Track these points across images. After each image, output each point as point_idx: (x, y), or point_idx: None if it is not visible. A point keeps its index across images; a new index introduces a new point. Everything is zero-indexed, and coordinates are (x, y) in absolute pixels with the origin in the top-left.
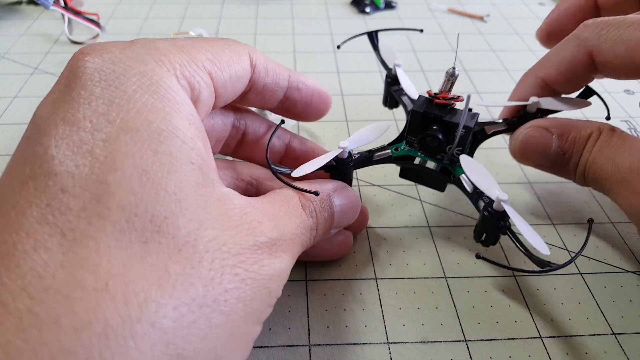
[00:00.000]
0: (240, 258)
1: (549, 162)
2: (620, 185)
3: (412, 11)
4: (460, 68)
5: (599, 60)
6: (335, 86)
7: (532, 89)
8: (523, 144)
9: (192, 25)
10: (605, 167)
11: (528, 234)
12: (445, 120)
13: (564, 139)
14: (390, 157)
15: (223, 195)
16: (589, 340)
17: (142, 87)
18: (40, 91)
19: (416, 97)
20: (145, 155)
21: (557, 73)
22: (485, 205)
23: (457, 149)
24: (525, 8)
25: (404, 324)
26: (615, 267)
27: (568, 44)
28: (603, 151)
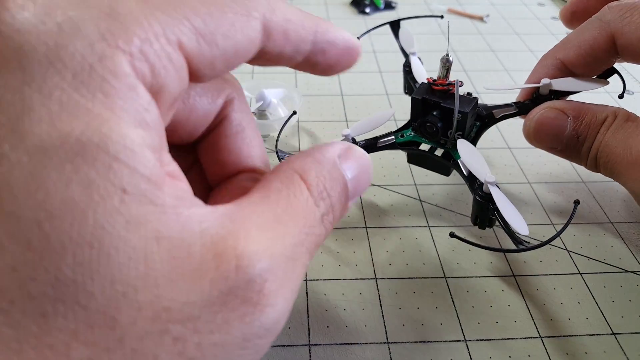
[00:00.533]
0: (193, 324)
1: (562, 144)
2: (632, 167)
3: (411, 11)
4: (460, 68)
5: (621, 43)
6: (335, 86)
7: (550, 70)
8: (538, 125)
9: None
10: (617, 151)
11: (508, 214)
12: (442, 105)
13: (579, 122)
14: (395, 143)
15: (180, 224)
16: (589, 340)
17: (64, 78)
18: None
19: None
20: (54, 188)
21: (577, 56)
22: (476, 188)
23: (457, 133)
24: (524, 8)
25: (403, 323)
26: (614, 267)
27: (590, 26)
28: (616, 134)
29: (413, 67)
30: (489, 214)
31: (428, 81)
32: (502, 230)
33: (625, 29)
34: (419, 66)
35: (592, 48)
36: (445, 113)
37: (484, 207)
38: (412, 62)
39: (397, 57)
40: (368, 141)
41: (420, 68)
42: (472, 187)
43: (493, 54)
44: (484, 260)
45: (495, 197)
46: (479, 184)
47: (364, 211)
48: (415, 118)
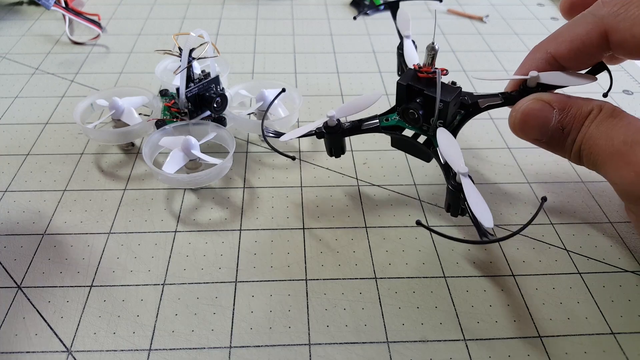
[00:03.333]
0: None
1: (547, 136)
2: (613, 157)
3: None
4: (460, 68)
5: (615, 39)
6: (335, 86)
7: (540, 64)
8: (524, 116)
9: (193, 26)
10: (599, 142)
11: (475, 206)
12: (425, 93)
13: (564, 114)
14: (379, 127)
15: None
16: (588, 339)
17: None
18: (41, 91)
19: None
20: None
21: (569, 50)
22: (450, 177)
23: (439, 121)
24: (524, 9)
25: (403, 323)
26: (614, 266)
27: (583, 20)
28: (600, 127)
29: (405, 50)
30: (460, 203)
31: (414, 68)
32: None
33: (619, 25)
34: (412, 50)
35: (584, 43)
36: (428, 100)
37: (455, 196)
38: (405, 44)
39: None
40: (352, 123)
41: (412, 52)
42: (447, 176)
43: (493, 54)
44: (483, 260)
45: (465, 188)
46: (453, 174)
47: (364, 211)
48: (399, 103)
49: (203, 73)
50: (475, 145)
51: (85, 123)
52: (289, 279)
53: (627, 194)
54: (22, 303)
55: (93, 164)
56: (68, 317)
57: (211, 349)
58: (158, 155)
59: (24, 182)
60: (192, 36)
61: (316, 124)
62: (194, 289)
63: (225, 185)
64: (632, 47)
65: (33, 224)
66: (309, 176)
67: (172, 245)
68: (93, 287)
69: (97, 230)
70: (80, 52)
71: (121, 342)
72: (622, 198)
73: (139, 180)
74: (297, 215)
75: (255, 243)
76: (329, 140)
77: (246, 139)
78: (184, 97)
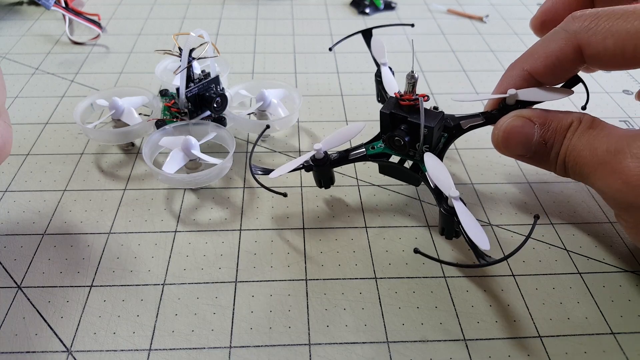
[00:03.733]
0: None
1: (530, 152)
2: (598, 167)
3: (411, 12)
4: (459, 68)
5: (589, 53)
6: (335, 86)
7: (517, 81)
8: (506, 134)
9: (193, 26)
10: (583, 153)
11: (470, 229)
12: (409, 120)
13: (545, 129)
14: (366, 155)
15: None
16: (588, 339)
17: None
18: (42, 91)
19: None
20: None
21: (544, 66)
22: (441, 201)
23: (425, 146)
24: (524, 9)
25: (403, 323)
26: (614, 266)
27: (556, 36)
28: (582, 138)
29: (384, 79)
30: (454, 226)
31: (395, 96)
32: None
33: (591, 39)
34: (390, 77)
35: (559, 58)
36: (413, 127)
37: (449, 220)
38: (383, 72)
39: (396, 57)
40: (340, 154)
41: (390, 79)
42: (438, 200)
43: (493, 54)
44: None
45: (459, 212)
46: (445, 197)
47: (364, 211)
48: (384, 131)
49: (203, 73)
50: (476, 145)
51: (85, 123)
52: (289, 279)
53: (615, 202)
54: (22, 303)
55: (93, 164)
56: (68, 317)
57: (211, 349)
58: (158, 155)
59: (24, 182)
60: (192, 36)
61: (304, 158)
62: (194, 289)
63: (225, 185)
64: (605, 59)
65: (33, 224)
66: (309, 176)
67: (172, 245)
68: (93, 287)
69: (97, 230)
70: (80, 52)
71: (121, 342)
72: (611, 206)
73: (139, 180)
74: (297, 215)
75: (255, 243)
76: (317, 172)
77: (246, 139)
78: (184, 97)
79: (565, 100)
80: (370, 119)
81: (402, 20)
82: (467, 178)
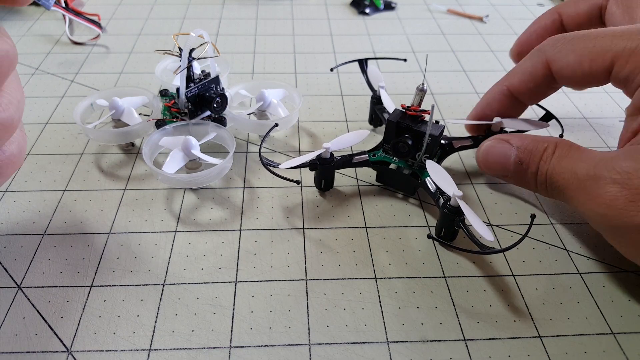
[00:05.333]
0: None
1: (509, 171)
2: (579, 192)
3: (411, 12)
4: (459, 68)
5: (555, 68)
6: (335, 86)
7: (498, 96)
8: (485, 154)
9: (193, 25)
10: (564, 176)
11: (476, 224)
12: (414, 129)
13: (521, 150)
14: (368, 161)
15: None
16: (588, 339)
17: None
18: (42, 91)
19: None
20: None
21: (520, 82)
22: (443, 202)
23: (425, 155)
24: (524, 9)
25: (403, 323)
26: (614, 266)
27: (531, 56)
28: (562, 162)
29: (383, 100)
30: (454, 226)
31: (402, 107)
32: None
33: (556, 56)
34: (387, 98)
35: (532, 75)
36: (416, 135)
37: (449, 219)
38: (382, 95)
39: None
40: (344, 157)
41: (388, 100)
42: (438, 203)
43: (493, 54)
44: (483, 260)
45: (464, 210)
46: (445, 199)
47: (364, 211)
48: (388, 140)
49: (203, 73)
50: None
51: (85, 123)
52: (289, 279)
53: (601, 227)
54: (22, 303)
55: (93, 164)
56: (68, 317)
57: (211, 349)
58: (158, 155)
59: (24, 182)
60: (192, 36)
61: (313, 154)
62: (194, 289)
63: (225, 185)
64: (567, 73)
65: (33, 224)
66: (309, 176)
67: (172, 245)
68: (93, 287)
69: (97, 230)
70: (80, 52)
71: (121, 342)
72: (599, 230)
73: (139, 180)
74: (297, 215)
75: (255, 243)
76: (320, 172)
77: (246, 139)
78: (184, 97)
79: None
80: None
81: (402, 21)
82: (467, 178)
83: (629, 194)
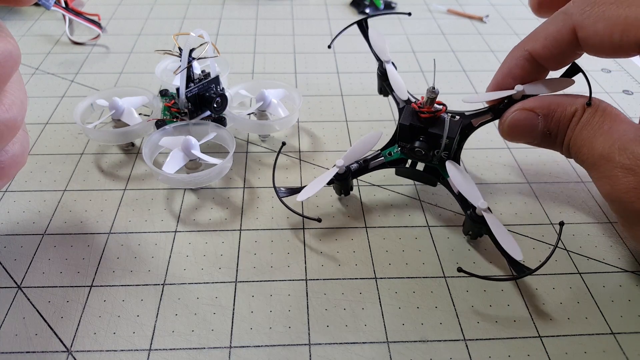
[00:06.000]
0: None
1: (537, 140)
2: (594, 168)
3: (412, 12)
4: (459, 68)
5: (581, 36)
6: (335, 86)
7: (519, 62)
8: (510, 128)
9: (193, 26)
10: (583, 150)
11: (503, 241)
12: (430, 132)
13: (549, 119)
14: (384, 163)
15: None
16: (588, 339)
17: None
18: (42, 91)
19: (404, 97)
20: None
21: (543, 47)
22: (468, 210)
23: (444, 153)
24: (524, 9)
25: (403, 323)
26: (614, 266)
27: (555, 18)
28: (582, 132)
29: (391, 79)
30: (481, 231)
31: (414, 107)
32: None
33: (585, 22)
34: (397, 78)
35: (557, 40)
36: (432, 137)
37: (476, 226)
38: (389, 71)
39: (397, 57)
40: (359, 164)
41: (398, 80)
42: (463, 205)
43: (493, 54)
44: (482, 261)
45: (490, 223)
46: (471, 205)
47: (364, 211)
48: (402, 140)
49: (203, 73)
50: (476, 145)
51: (85, 123)
52: (289, 279)
53: (608, 203)
54: (22, 303)
55: (93, 164)
56: (68, 317)
57: (211, 349)
58: (158, 155)
59: (24, 182)
60: (192, 36)
61: (328, 176)
62: (194, 289)
63: (225, 185)
64: (595, 42)
65: (33, 224)
66: (309, 176)
67: (172, 245)
68: (93, 287)
69: (97, 230)
70: (80, 52)
71: (121, 342)
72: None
73: (139, 180)
74: (297, 215)
75: (255, 243)
76: (339, 184)
77: (246, 139)
78: (184, 97)
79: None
80: (370, 119)
81: (402, 20)
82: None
83: (634, 181)
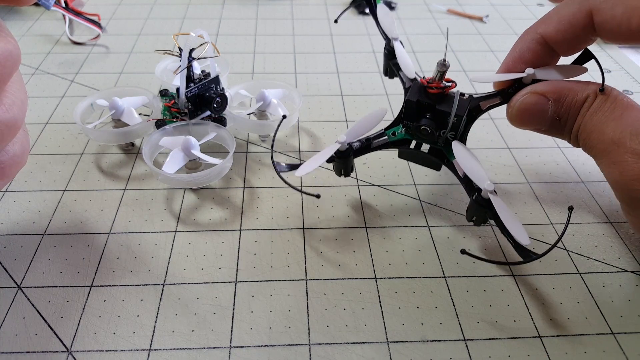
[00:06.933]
0: None
1: (546, 126)
2: (603, 154)
3: (411, 12)
4: (459, 69)
5: (598, 20)
6: (335, 86)
7: (531, 45)
8: (520, 112)
9: (193, 25)
10: (592, 135)
11: (510, 224)
12: (438, 109)
13: (559, 105)
14: (388, 143)
15: None
16: (588, 339)
17: None
18: (42, 91)
19: (412, 76)
20: None
21: (556, 31)
22: (474, 193)
23: (450, 133)
24: (524, 9)
25: (403, 323)
26: (614, 266)
27: (571, 2)
28: (593, 118)
29: (399, 57)
30: (486, 216)
31: (422, 83)
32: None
33: (602, 6)
34: (405, 56)
35: (571, 24)
36: (439, 115)
37: (480, 210)
38: (397, 49)
39: None
40: (361, 142)
41: (406, 58)
42: (468, 189)
43: (493, 54)
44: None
45: (496, 206)
46: (477, 188)
47: (364, 211)
48: (408, 118)
49: (203, 73)
50: (475, 145)
51: (85, 123)
52: (289, 279)
53: (615, 190)
54: (22, 303)
55: (93, 164)
56: (68, 317)
57: (211, 349)
58: (158, 155)
59: (24, 182)
60: (192, 36)
61: (329, 152)
62: (194, 289)
63: (225, 185)
64: (613, 28)
65: (33, 224)
66: (309, 176)
67: (172, 245)
68: (93, 287)
69: (97, 230)
70: (80, 52)
71: (121, 342)
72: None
73: (139, 180)
74: (297, 215)
75: (255, 243)
76: (339, 163)
77: (246, 139)
78: (184, 97)
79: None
80: None
81: (402, 21)
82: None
83: None
